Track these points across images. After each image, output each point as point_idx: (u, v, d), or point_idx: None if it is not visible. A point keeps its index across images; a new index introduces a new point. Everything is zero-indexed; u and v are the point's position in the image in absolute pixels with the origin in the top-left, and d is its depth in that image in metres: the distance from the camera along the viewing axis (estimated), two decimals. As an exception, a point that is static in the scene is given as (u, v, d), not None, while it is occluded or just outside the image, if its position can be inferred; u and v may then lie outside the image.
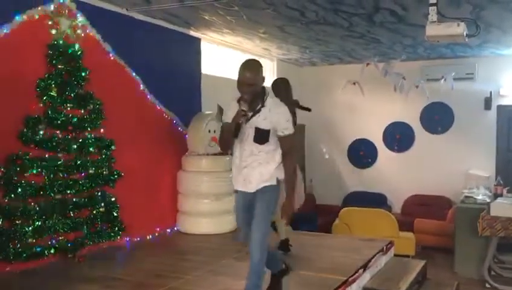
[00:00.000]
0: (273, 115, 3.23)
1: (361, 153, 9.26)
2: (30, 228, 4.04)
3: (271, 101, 3.29)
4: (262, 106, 3.23)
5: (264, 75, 3.26)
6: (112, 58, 5.09)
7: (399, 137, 8.93)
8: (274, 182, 3.32)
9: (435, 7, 3.79)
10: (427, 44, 6.91)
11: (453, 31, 3.60)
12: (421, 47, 7.37)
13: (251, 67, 3.21)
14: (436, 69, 8.27)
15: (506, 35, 6.53)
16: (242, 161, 3.31)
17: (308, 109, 4.97)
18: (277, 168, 3.32)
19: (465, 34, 3.70)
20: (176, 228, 5.95)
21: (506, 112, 8.24)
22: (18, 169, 4.03)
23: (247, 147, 3.27)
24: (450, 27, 3.62)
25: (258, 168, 3.28)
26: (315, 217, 8.09)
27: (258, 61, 3.31)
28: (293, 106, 4.80)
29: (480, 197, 6.88)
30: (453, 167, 8.34)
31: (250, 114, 3.20)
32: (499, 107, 8.25)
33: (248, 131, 3.24)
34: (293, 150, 3.39)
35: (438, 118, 8.60)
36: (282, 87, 4.79)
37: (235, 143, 3.34)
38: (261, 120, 3.21)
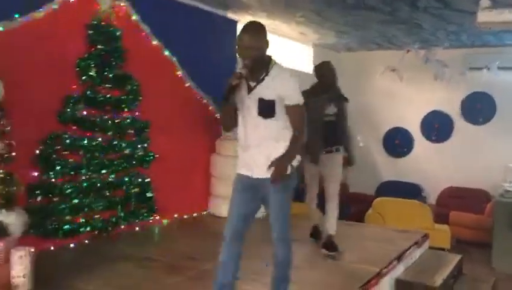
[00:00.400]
0: (277, 83, 2.85)
1: (397, 142, 9.06)
2: (67, 206, 4.13)
3: (276, 69, 2.90)
4: (266, 74, 2.86)
5: (268, 39, 2.87)
6: (150, 40, 5.09)
7: (437, 126, 8.68)
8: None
9: (488, -7, 3.61)
10: (471, 31, 6.64)
11: (506, 17, 3.42)
12: (465, 34, 7.09)
13: (249, 30, 2.84)
14: (479, 58, 7.94)
15: (557, 23, 6.21)
16: (247, 139, 2.92)
17: (346, 100, 4.79)
18: None
19: (518, 21, 3.53)
20: (208, 211, 5.98)
21: (552, 104, 7.89)
22: (56, 148, 4.11)
23: (251, 121, 2.89)
24: (502, 14, 3.44)
25: (266, 146, 2.87)
26: (348, 206, 7.99)
27: (259, 23, 2.91)
28: (341, 98, 4.63)
29: (521, 191, 6.65)
30: (492, 159, 8.05)
31: (253, 84, 2.86)
32: (545, 98, 7.90)
33: (252, 104, 2.87)
34: (303, 129, 2.95)
35: (479, 108, 8.30)
36: (328, 71, 4.54)
37: (240, 121, 2.96)
38: (264, 89, 2.85)
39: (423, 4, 5.45)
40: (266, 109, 2.84)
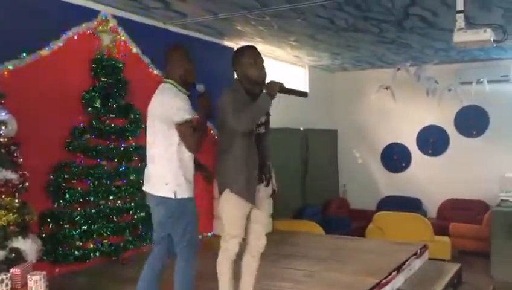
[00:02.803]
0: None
1: (395, 158, 9.25)
2: (77, 232, 4.30)
3: None
4: None
5: None
6: (151, 70, 5.33)
7: (433, 141, 8.88)
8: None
9: (462, 14, 3.85)
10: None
11: (480, 37, 3.64)
12: (454, 50, 7.34)
13: None
14: (470, 72, 8.18)
15: (541, 37, 6.45)
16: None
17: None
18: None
19: (492, 40, 3.75)
20: (212, 232, 6.14)
21: (543, 114, 8.09)
22: (65, 176, 4.31)
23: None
24: (477, 33, 3.67)
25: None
26: (348, 222, 8.13)
27: None
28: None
29: (517, 200, 6.81)
30: (489, 170, 8.21)
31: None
32: (536, 108, 8.11)
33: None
34: None
35: (472, 121, 8.51)
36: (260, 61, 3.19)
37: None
38: None
39: (409, 25, 5.71)
40: None
